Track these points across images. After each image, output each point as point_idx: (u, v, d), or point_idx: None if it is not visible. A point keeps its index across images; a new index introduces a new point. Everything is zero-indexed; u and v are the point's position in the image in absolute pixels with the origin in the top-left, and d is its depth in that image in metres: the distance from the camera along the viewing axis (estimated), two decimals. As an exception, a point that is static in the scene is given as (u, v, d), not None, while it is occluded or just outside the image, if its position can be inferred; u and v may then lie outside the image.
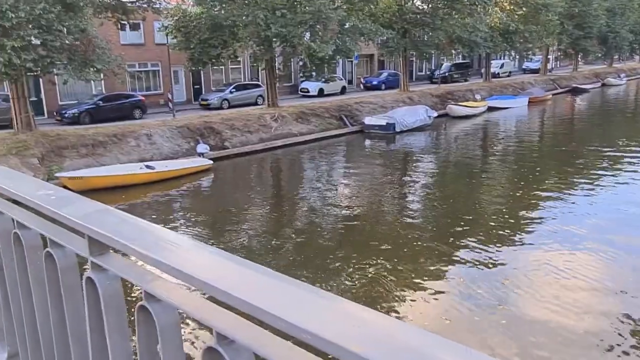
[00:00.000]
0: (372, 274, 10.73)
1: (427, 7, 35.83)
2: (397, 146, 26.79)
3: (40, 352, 1.77)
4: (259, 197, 18.21)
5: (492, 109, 37.19)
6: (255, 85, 35.03)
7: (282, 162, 24.59)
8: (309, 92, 37.68)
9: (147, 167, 18.99)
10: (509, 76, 54.11)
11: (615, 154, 22.34)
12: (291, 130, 26.88)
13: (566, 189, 16.81)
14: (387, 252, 11.91)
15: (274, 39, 25.86)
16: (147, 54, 32.99)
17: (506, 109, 38.00)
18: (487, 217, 14.52)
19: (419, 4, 36.37)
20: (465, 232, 13.01)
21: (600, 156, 22.02)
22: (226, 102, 31.77)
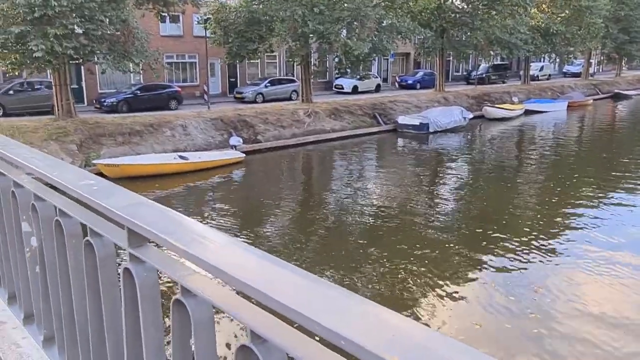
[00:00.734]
0: (402, 275, 10.67)
1: (467, 7, 35.29)
2: (430, 147, 26.53)
3: (75, 337, 1.81)
4: (289, 192, 18.28)
5: (529, 113, 36.46)
6: (290, 80, 35.14)
7: (313, 158, 24.62)
8: (343, 88, 37.61)
9: (181, 157, 19.28)
10: (549, 79, 52.95)
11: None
12: (324, 126, 26.88)
13: (603, 198, 16.38)
14: (416, 254, 11.82)
15: (311, 35, 25.89)
16: (185, 45, 33.41)
17: (544, 112, 37.19)
18: (520, 222, 14.27)
19: (458, 3, 35.87)
20: (497, 237, 12.81)
21: (637, 167, 21.41)
22: (260, 96, 31.97)
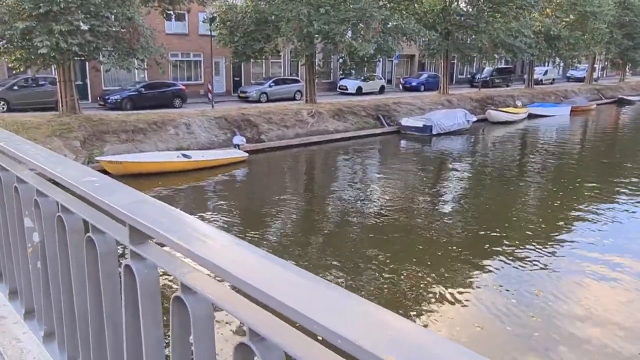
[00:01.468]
0: (403, 277, 10.66)
1: (472, 9, 35.29)
2: (433, 149, 26.52)
3: (75, 333, 1.82)
4: (291, 192, 18.29)
5: (532, 117, 36.47)
6: (294, 80, 35.17)
7: (316, 159, 24.63)
8: (347, 89, 37.63)
9: (184, 155, 19.30)
10: (552, 83, 52.91)
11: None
12: (327, 127, 26.90)
13: (606, 202, 16.35)
14: (417, 256, 11.82)
15: (316, 35, 25.91)
16: (190, 44, 33.46)
17: (547, 117, 37.22)
18: (522, 225, 14.25)
19: (463, 6, 35.87)
20: (499, 240, 12.80)
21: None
22: (265, 96, 32.01)
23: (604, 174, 21.58)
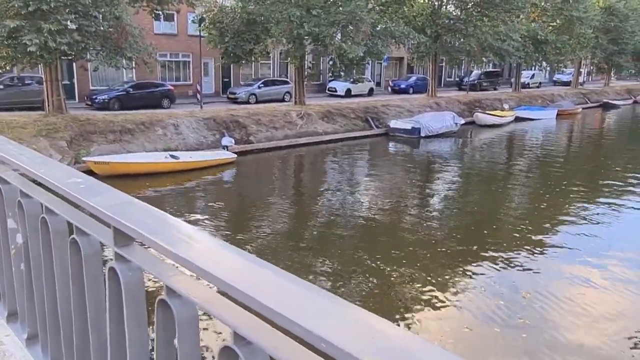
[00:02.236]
0: (390, 279, 10.69)
1: (461, 13, 35.55)
2: (421, 151, 26.63)
3: (59, 336, 1.80)
4: (280, 193, 18.27)
5: (519, 120, 36.80)
6: (283, 81, 35.15)
7: (305, 160, 24.63)
8: (336, 91, 37.68)
9: (172, 156, 19.20)
10: (539, 87, 53.40)
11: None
12: (316, 128, 26.91)
13: (591, 204, 16.52)
14: (405, 259, 11.85)
15: (306, 37, 25.92)
16: (179, 44, 33.32)
17: (534, 120, 37.59)
18: (510, 228, 14.34)
19: (452, 10, 36.10)
20: (486, 243, 12.88)
21: (624, 175, 21.60)
22: (254, 97, 31.94)
23: (590, 176, 21.82)
